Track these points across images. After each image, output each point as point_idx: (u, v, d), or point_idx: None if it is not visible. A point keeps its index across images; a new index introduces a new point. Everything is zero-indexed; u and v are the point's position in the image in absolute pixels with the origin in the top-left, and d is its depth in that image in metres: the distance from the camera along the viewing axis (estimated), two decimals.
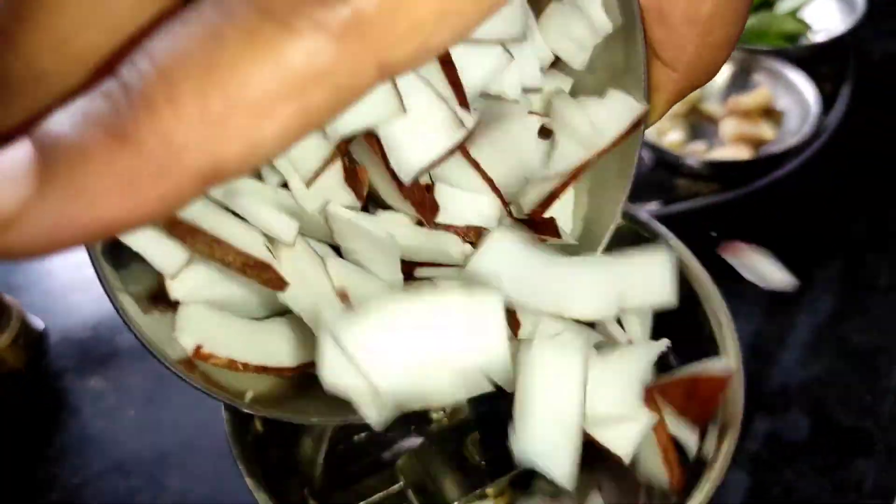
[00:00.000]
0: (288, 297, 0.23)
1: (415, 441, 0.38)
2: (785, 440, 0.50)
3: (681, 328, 0.39)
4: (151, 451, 0.52)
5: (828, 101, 0.67)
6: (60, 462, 0.52)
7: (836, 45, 0.71)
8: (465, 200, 0.24)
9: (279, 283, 0.23)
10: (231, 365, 0.25)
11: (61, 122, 0.13)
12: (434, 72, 0.21)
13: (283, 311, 0.26)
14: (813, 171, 0.64)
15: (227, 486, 0.50)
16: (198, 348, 0.25)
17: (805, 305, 0.57)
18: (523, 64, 0.24)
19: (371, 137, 0.21)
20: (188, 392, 0.55)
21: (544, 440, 0.22)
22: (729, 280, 0.57)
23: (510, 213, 0.25)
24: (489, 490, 0.37)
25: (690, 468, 0.33)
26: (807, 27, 0.75)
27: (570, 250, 0.25)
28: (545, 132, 0.25)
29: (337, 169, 0.23)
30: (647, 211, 0.38)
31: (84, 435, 0.53)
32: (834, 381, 0.53)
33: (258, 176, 0.24)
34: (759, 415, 0.51)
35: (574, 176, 0.24)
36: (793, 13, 0.75)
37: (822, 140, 0.64)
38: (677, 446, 0.33)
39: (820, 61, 0.71)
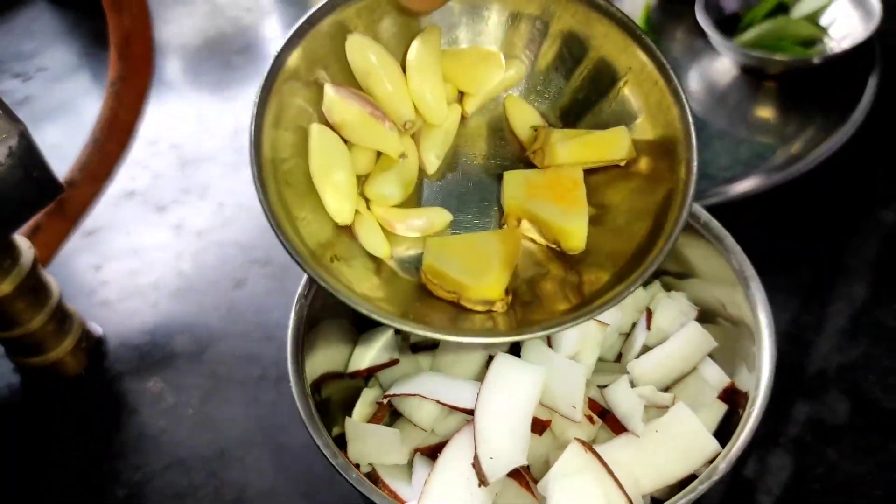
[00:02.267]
0: None
1: None
2: (826, 423, 0.51)
3: (722, 316, 0.41)
4: (210, 448, 0.54)
5: (856, 92, 0.68)
6: (122, 460, 0.54)
7: (861, 48, 0.71)
8: None
9: None
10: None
11: None
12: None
13: None
14: (843, 161, 0.65)
15: (286, 478, 0.51)
16: None
17: (840, 293, 0.58)
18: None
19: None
20: (244, 390, 0.57)
21: None
22: (765, 270, 0.59)
23: None
24: None
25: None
26: (823, 31, 0.75)
27: None
28: None
29: None
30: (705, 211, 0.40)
31: (144, 434, 0.55)
32: (872, 366, 0.53)
33: None
34: (799, 400, 0.52)
35: None
36: (810, 17, 0.75)
37: (852, 130, 0.65)
38: None
39: (848, 63, 0.72)
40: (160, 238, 0.68)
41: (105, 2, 0.52)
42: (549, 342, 0.39)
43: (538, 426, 0.38)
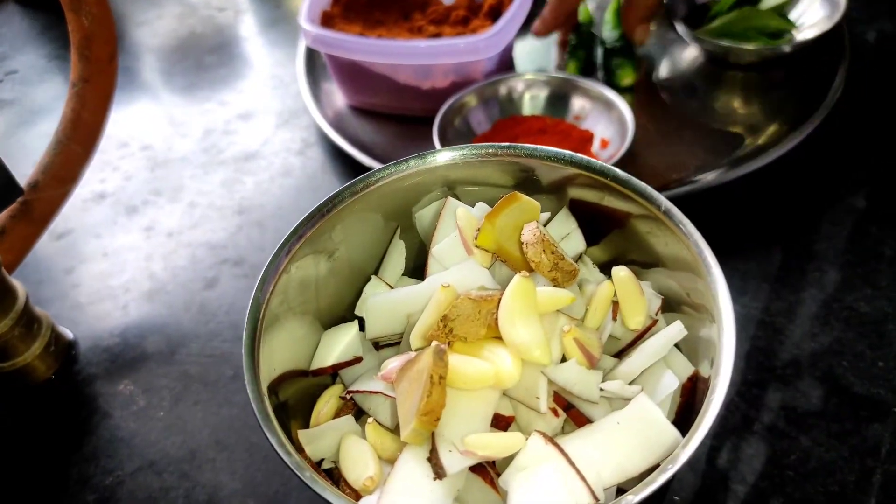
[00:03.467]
0: None
1: None
2: (800, 410, 0.51)
3: (686, 304, 0.40)
4: (182, 450, 0.53)
5: (825, 80, 0.68)
6: (94, 463, 0.53)
7: (829, 37, 0.71)
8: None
9: None
10: None
11: None
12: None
13: None
14: (814, 148, 0.65)
15: (257, 479, 0.51)
16: None
17: (812, 279, 0.58)
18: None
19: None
20: (213, 392, 0.57)
21: None
22: (736, 258, 0.59)
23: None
24: None
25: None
26: (792, 25, 0.75)
27: None
28: None
29: None
30: (663, 194, 0.40)
31: (115, 437, 0.55)
32: (844, 351, 0.53)
33: None
34: (772, 386, 0.52)
35: None
36: (777, 9, 0.75)
37: (821, 117, 0.65)
38: None
39: (816, 52, 0.72)
40: (131, 240, 0.68)
41: (63, 3, 0.52)
42: None
43: (502, 422, 0.37)
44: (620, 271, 0.40)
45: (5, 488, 0.53)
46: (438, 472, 0.32)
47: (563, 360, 0.37)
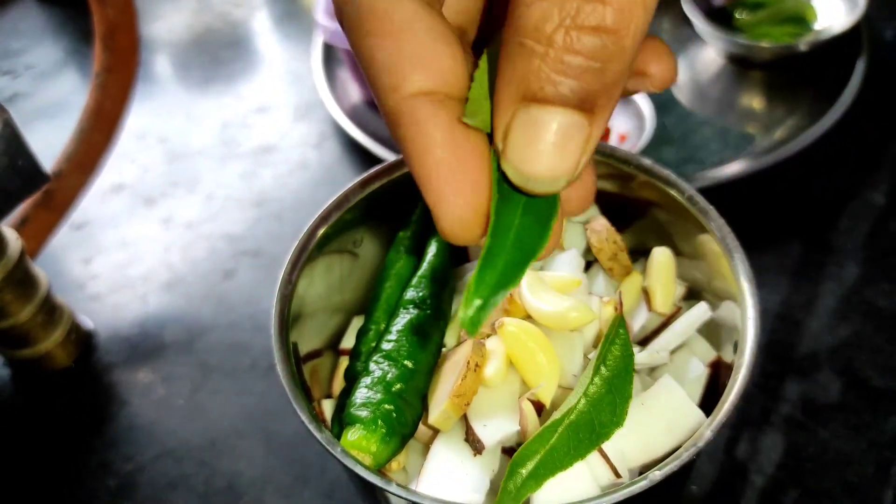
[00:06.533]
0: None
1: None
2: (818, 402, 0.51)
3: (708, 290, 0.41)
4: (201, 438, 0.54)
5: (843, 77, 0.68)
6: (114, 451, 0.53)
7: (848, 35, 0.71)
8: None
9: None
10: None
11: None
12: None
13: None
14: (833, 144, 0.65)
15: (276, 466, 0.51)
16: None
17: (830, 273, 0.58)
18: None
19: None
20: (234, 380, 0.57)
21: None
22: (755, 252, 0.59)
23: None
24: None
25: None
26: (815, 16, 0.75)
27: None
28: None
29: None
30: (690, 186, 0.40)
31: (135, 425, 0.55)
32: (862, 345, 0.53)
33: None
34: (790, 379, 0.52)
35: None
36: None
37: (839, 113, 0.65)
38: None
39: (835, 49, 0.72)
40: (149, 231, 0.68)
41: None
42: None
43: (535, 405, 0.38)
44: (661, 254, 0.41)
45: (27, 475, 0.53)
46: (478, 447, 0.33)
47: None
